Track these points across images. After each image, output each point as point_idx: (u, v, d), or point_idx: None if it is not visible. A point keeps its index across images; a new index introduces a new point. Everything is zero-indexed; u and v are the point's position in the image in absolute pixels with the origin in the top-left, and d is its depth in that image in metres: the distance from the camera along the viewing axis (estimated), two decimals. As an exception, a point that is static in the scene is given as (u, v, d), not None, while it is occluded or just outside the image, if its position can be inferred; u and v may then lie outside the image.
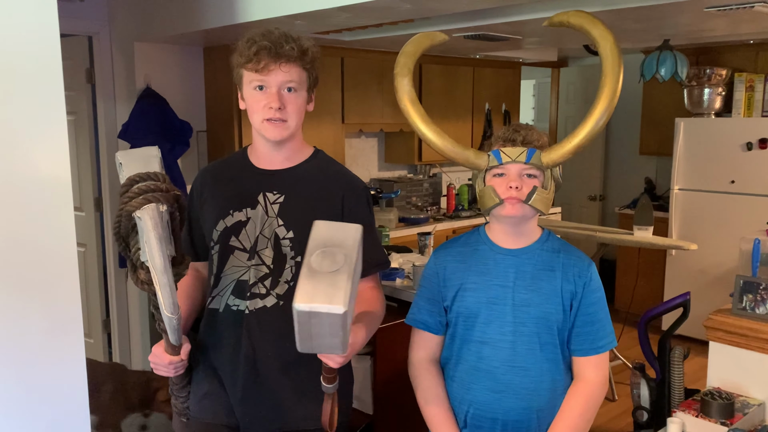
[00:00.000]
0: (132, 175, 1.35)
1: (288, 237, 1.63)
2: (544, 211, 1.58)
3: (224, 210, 1.67)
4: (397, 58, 1.69)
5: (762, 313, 1.99)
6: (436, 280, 1.68)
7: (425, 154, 5.04)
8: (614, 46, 1.53)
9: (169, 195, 1.34)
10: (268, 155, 1.69)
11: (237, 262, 1.65)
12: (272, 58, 1.56)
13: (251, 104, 1.61)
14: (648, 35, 3.88)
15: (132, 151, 1.44)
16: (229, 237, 1.65)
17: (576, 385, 1.62)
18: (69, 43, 3.89)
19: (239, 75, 1.62)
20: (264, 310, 1.63)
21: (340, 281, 1.22)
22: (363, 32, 3.71)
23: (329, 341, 1.26)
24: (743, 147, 4.57)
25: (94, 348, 4.25)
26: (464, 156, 1.62)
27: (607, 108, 1.54)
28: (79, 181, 4.06)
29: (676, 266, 4.96)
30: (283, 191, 1.66)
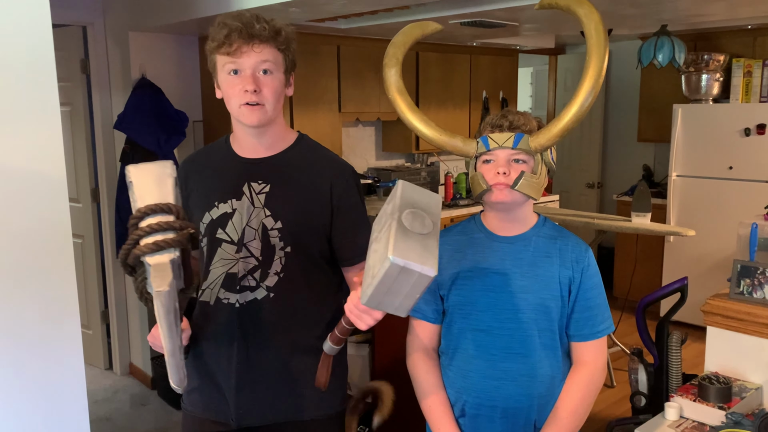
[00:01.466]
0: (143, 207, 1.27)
1: (276, 228, 1.60)
2: (534, 197, 1.57)
3: (210, 202, 1.63)
4: (387, 48, 1.67)
5: (759, 297, 1.99)
6: None
7: (423, 143, 5.03)
8: (599, 24, 1.51)
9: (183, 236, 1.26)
10: (251, 143, 1.64)
11: (225, 255, 1.62)
12: (244, 40, 1.50)
13: (226, 90, 1.56)
14: (645, 21, 3.86)
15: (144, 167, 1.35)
16: (216, 229, 1.62)
17: (575, 370, 1.62)
18: (63, 33, 3.86)
19: (213, 62, 1.57)
20: (255, 302, 1.61)
21: (431, 245, 1.23)
22: (359, 20, 3.69)
23: (400, 302, 1.24)
24: (741, 133, 4.56)
25: (93, 339, 4.25)
26: (453, 143, 1.61)
27: (593, 87, 1.52)
28: (75, 172, 4.05)
29: (674, 253, 4.96)
30: (268, 181, 1.62)
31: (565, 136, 1.56)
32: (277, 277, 1.61)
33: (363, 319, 1.35)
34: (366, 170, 5.18)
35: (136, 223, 1.27)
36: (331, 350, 1.47)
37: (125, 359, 4.24)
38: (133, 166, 1.33)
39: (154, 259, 1.23)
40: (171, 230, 1.26)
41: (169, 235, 1.25)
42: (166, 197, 1.30)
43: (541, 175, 1.57)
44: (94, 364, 4.28)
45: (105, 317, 4.24)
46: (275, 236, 1.60)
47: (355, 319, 1.37)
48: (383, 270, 1.19)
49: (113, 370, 4.28)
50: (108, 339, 4.28)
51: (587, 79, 1.52)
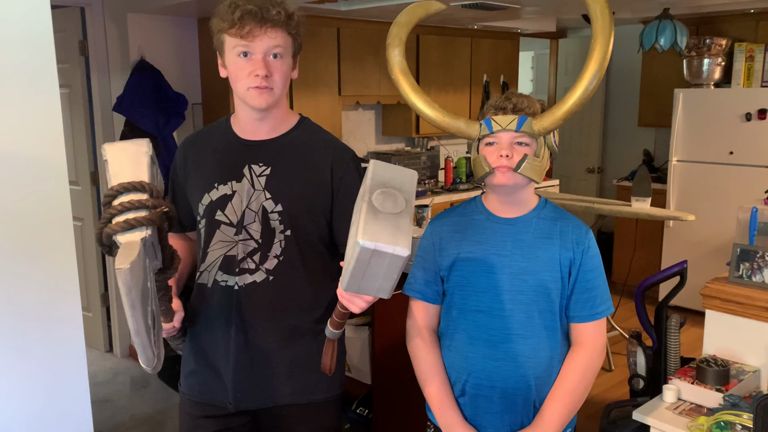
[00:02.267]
0: (116, 185, 1.25)
1: (276, 210, 1.59)
2: (536, 180, 1.57)
3: (209, 183, 1.62)
4: (390, 28, 1.66)
5: (758, 281, 2.00)
6: (432, 249, 1.68)
7: (423, 127, 5.02)
8: (605, 7, 1.50)
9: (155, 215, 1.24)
10: (253, 125, 1.63)
11: (224, 237, 1.61)
12: (257, 23, 1.49)
13: (235, 71, 1.54)
14: (647, 4, 3.84)
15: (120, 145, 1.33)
16: (215, 211, 1.61)
17: (574, 350, 1.62)
18: (61, 14, 3.84)
19: (220, 41, 1.55)
20: (254, 285, 1.61)
21: (403, 224, 1.22)
22: (359, 1, 3.66)
23: (379, 284, 1.24)
24: (742, 118, 4.55)
25: (93, 321, 4.27)
26: (456, 125, 1.61)
27: (598, 71, 1.52)
28: (74, 155, 4.04)
29: (673, 238, 4.97)
30: (269, 163, 1.61)
31: (568, 119, 1.55)
32: (277, 260, 1.61)
33: (354, 302, 1.35)
34: (365, 154, 5.17)
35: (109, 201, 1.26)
36: (332, 335, 1.48)
37: (125, 341, 4.26)
38: (108, 144, 1.32)
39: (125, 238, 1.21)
40: (144, 208, 1.24)
41: (141, 213, 1.23)
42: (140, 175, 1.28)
43: (544, 158, 1.57)
44: (94, 346, 4.29)
45: (105, 300, 4.25)
46: (275, 219, 1.60)
47: (347, 303, 1.37)
48: (355, 255, 1.19)
49: (113, 352, 4.30)
50: (108, 321, 4.29)
51: (592, 62, 1.51)
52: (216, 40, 1.58)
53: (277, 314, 1.63)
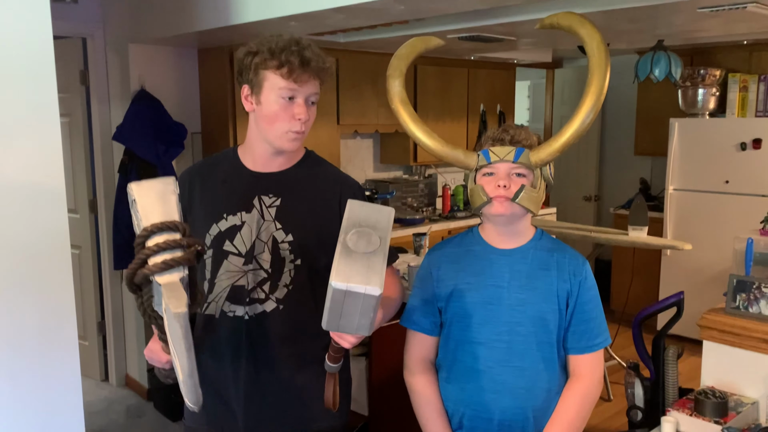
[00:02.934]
0: (149, 226, 1.26)
1: (287, 240, 1.61)
2: (533, 211, 1.58)
3: (217, 214, 1.64)
4: (391, 60, 1.69)
5: (755, 312, 2.00)
6: (429, 281, 1.68)
7: (420, 155, 5.05)
8: (601, 44, 1.54)
9: (191, 254, 1.26)
10: (267, 160, 1.66)
11: (231, 267, 1.63)
12: (307, 70, 1.54)
13: (276, 112, 1.56)
14: (642, 36, 3.90)
15: (146, 184, 1.34)
16: (223, 241, 1.63)
17: (572, 383, 1.62)
18: (63, 45, 3.88)
19: (261, 77, 1.56)
20: (264, 315, 1.62)
21: (376, 263, 1.25)
22: (358, 34, 3.72)
23: (357, 321, 1.27)
24: (737, 147, 4.58)
25: (89, 351, 4.24)
26: (454, 155, 1.63)
27: (594, 105, 1.55)
28: (73, 183, 4.05)
29: (671, 266, 4.97)
30: (279, 194, 1.64)
31: (567, 152, 1.58)
32: (287, 289, 1.62)
33: (344, 338, 1.38)
34: (364, 182, 5.19)
35: (142, 242, 1.26)
36: (331, 369, 1.49)
37: (121, 370, 4.22)
38: (135, 184, 1.32)
39: (164, 279, 1.22)
40: (179, 248, 1.25)
41: (177, 254, 1.24)
42: (171, 214, 1.29)
43: (540, 189, 1.59)
44: (90, 375, 4.26)
45: (101, 328, 4.22)
46: (285, 249, 1.62)
47: (338, 339, 1.40)
48: (329, 296, 1.22)
49: (109, 381, 4.26)
50: (104, 350, 4.26)
51: (589, 97, 1.54)
52: (252, 74, 1.58)
53: (287, 343, 1.64)
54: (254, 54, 1.56)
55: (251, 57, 1.57)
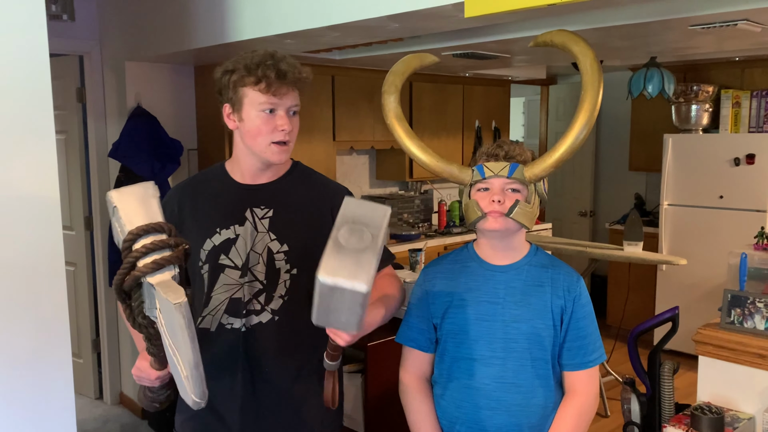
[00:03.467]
0: (134, 229, 1.26)
1: (282, 251, 1.63)
2: (527, 226, 1.59)
3: (210, 229, 1.65)
4: (386, 76, 1.71)
5: (750, 327, 2.00)
6: (425, 297, 1.68)
7: (416, 171, 5.06)
8: (594, 61, 1.56)
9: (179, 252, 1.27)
10: (256, 173, 1.68)
11: (228, 281, 1.63)
12: (284, 82, 1.56)
13: (258, 126, 1.58)
14: (635, 52, 3.93)
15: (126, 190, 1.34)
16: (218, 255, 1.64)
17: (567, 399, 1.62)
18: (60, 62, 3.90)
19: (240, 94, 1.59)
20: (260, 326, 1.62)
21: (365, 260, 1.23)
22: (353, 51, 3.74)
23: (346, 318, 1.26)
24: (731, 162, 4.61)
25: (84, 368, 4.21)
26: (449, 170, 1.64)
27: (588, 121, 1.56)
28: (69, 200, 4.05)
29: (666, 281, 4.97)
30: (270, 205, 1.65)
31: (561, 168, 1.59)
32: (282, 300, 1.63)
33: (337, 334, 1.41)
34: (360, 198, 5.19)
35: (129, 246, 1.26)
36: (330, 366, 1.50)
37: (116, 388, 4.20)
38: (115, 191, 1.32)
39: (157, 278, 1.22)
40: (167, 248, 1.26)
41: (166, 253, 1.25)
42: (154, 217, 1.29)
43: (534, 204, 1.59)
44: (84, 393, 4.23)
45: (96, 346, 4.20)
46: (281, 259, 1.63)
47: (333, 336, 1.42)
48: (317, 290, 1.22)
49: (103, 399, 4.23)
50: (99, 368, 4.24)
51: (582, 113, 1.55)
52: (231, 93, 1.60)
53: (283, 353, 1.64)
54: (231, 72, 1.59)
55: (228, 75, 1.59)
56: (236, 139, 1.67)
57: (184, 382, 1.25)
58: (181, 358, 1.22)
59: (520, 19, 2.71)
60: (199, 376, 1.22)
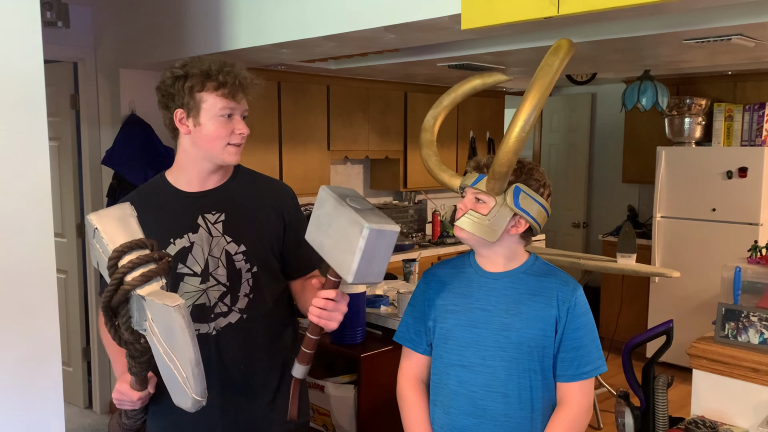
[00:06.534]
0: (118, 247, 1.30)
1: (240, 251, 1.67)
2: (485, 237, 1.56)
3: (164, 240, 1.65)
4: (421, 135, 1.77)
5: (744, 341, 2.00)
6: (422, 299, 1.70)
7: (410, 181, 5.06)
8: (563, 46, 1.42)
9: (164, 264, 1.32)
10: (204, 178, 1.70)
11: (189, 288, 1.65)
12: (241, 88, 1.62)
13: (217, 130, 1.61)
14: (629, 65, 3.96)
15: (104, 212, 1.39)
16: (176, 265, 1.65)
17: (559, 410, 1.60)
18: (54, 69, 3.88)
19: (197, 99, 1.61)
20: (230, 327, 1.66)
21: (381, 213, 1.43)
22: (348, 61, 3.75)
23: (378, 266, 1.39)
24: (723, 175, 4.63)
25: (73, 377, 4.17)
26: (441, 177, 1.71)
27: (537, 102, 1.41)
28: (61, 206, 4.02)
29: (659, 293, 4.98)
30: (221, 209, 1.68)
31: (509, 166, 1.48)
32: (248, 298, 1.68)
33: (333, 317, 1.47)
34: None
35: (115, 263, 1.29)
36: (301, 372, 1.54)
37: (106, 397, 4.15)
38: (93, 214, 1.37)
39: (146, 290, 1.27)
40: (152, 261, 1.30)
41: (152, 266, 1.29)
42: (135, 234, 1.34)
43: (496, 216, 1.56)
44: (73, 402, 4.19)
45: (86, 354, 4.16)
46: (240, 260, 1.66)
47: (325, 322, 1.47)
48: (363, 240, 1.33)
49: (93, 408, 4.19)
50: (89, 376, 4.20)
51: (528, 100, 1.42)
52: (187, 98, 1.62)
53: (256, 349, 1.69)
54: (185, 77, 1.61)
55: (182, 81, 1.62)
56: (183, 146, 1.69)
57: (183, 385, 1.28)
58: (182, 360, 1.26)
59: (516, 31, 2.72)
60: (200, 373, 1.27)
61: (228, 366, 1.66)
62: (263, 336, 1.70)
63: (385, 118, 4.74)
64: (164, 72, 1.67)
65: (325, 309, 1.47)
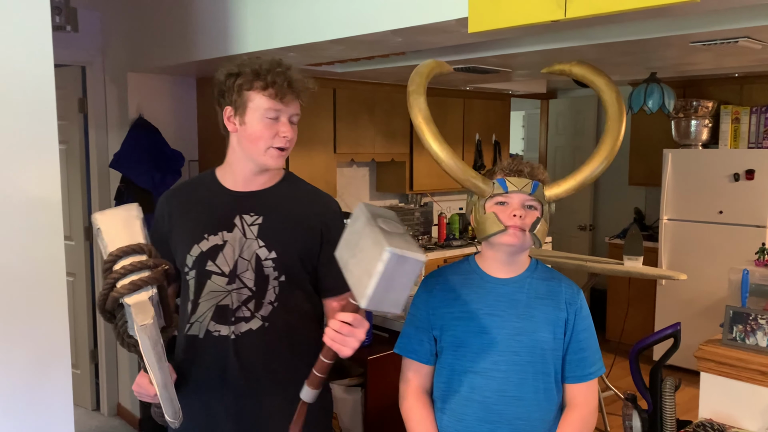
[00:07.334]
0: (115, 251, 1.28)
1: (270, 258, 1.62)
2: (542, 243, 1.61)
3: (198, 234, 1.64)
4: (411, 76, 1.71)
5: (752, 344, 2.00)
6: (425, 308, 1.68)
7: (416, 184, 5.07)
8: (618, 95, 1.64)
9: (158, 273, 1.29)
10: (249, 179, 1.68)
11: (215, 287, 1.63)
12: (291, 90, 1.59)
13: (260, 130, 1.59)
14: (635, 68, 3.95)
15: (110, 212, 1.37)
16: (206, 262, 1.63)
17: (568, 412, 1.61)
18: (62, 72, 3.90)
19: (244, 98, 1.59)
20: (250, 333, 1.62)
21: (411, 240, 1.34)
22: (354, 64, 3.75)
23: (396, 296, 1.30)
24: (730, 178, 4.62)
25: (81, 379, 4.19)
26: (473, 181, 1.64)
27: (610, 152, 1.64)
28: (69, 210, 4.04)
29: (666, 296, 4.97)
30: (260, 212, 1.65)
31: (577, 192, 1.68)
32: (272, 306, 1.63)
33: (348, 342, 1.39)
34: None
35: (110, 267, 1.29)
36: (309, 397, 1.47)
37: (113, 400, 4.17)
38: (99, 213, 1.36)
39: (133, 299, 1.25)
40: (146, 269, 1.28)
41: (144, 274, 1.28)
42: (136, 238, 1.32)
43: (547, 222, 1.62)
44: (81, 404, 4.20)
45: (94, 356, 4.18)
46: (269, 266, 1.63)
47: (339, 347, 1.40)
48: (382, 263, 1.25)
49: (100, 410, 4.21)
50: (96, 379, 4.21)
51: (606, 144, 1.63)
52: (236, 95, 1.60)
53: (274, 360, 1.64)
54: (236, 75, 1.60)
55: (234, 78, 1.60)
56: (232, 144, 1.67)
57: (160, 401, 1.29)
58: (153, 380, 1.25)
59: (523, 34, 2.72)
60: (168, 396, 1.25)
61: (245, 373, 1.62)
62: (283, 348, 1.65)
63: (391, 121, 4.75)
64: (220, 69, 1.64)
65: (339, 333, 1.39)
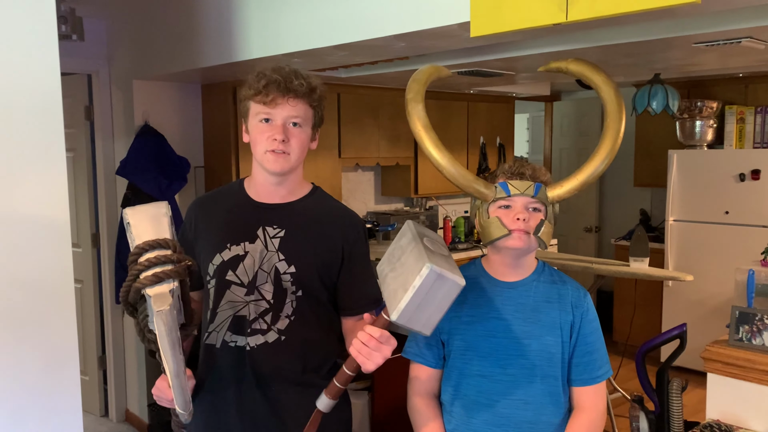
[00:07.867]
0: (141, 244, 1.32)
1: (289, 272, 1.63)
2: (547, 245, 1.60)
3: (221, 244, 1.65)
4: (409, 84, 1.72)
5: (759, 344, 1.99)
6: None
7: (421, 187, 5.07)
8: (617, 91, 1.61)
9: (180, 267, 1.31)
10: (269, 189, 1.69)
11: (234, 297, 1.64)
12: (280, 92, 1.58)
13: (255, 135, 1.62)
14: (639, 69, 3.95)
15: (141, 209, 1.40)
16: (226, 271, 1.64)
17: (576, 415, 1.61)
18: (68, 81, 3.93)
19: (246, 107, 1.64)
20: (266, 345, 1.62)
21: (453, 264, 1.34)
22: (358, 69, 3.77)
23: (428, 316, 1.29)
24: (736, 178, 4.61)
25: (90, 385, 4.21)
26: (475, 186, 1.64)
27: (612, 149, 1.63)
28: (76, 217, 4.07)
29: (673, 297, 4.95)
30: (283, 226, 1.66)
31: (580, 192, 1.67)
32: (288, 320, 1.63)
33: (373, 357, 1.38)
34: (365, 214, 5.21)
35: (135, 259, 1.32)
36: (325, 406, 1.47)
37: (121, 405, 4.19)
38: (130, 209, 1.39)
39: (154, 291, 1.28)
40: (169, 263, 1.31)
41: (167, 267, 1.30)
42: (162, 234, 1.36)
43: (551, 224, 1.61)
44: (89, 410, 4.22)
45: (102, 363, 4.20)
46: (288, 280, 1.63)
47: (363, 360, 1.39)
48: (420, 279, 1.24)
49: (109, 416, 4.22)
50: (104, 385, 4.23)
51: (606, 141, 1.61)
52: (242, 107, 1.66)
53: (289, 373, 1.64)
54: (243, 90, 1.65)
55: (241, 93, 1.65)
56: None
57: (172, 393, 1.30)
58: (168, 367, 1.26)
59: (526, 37, 2.73)
60: (179, 386, 1.26)
61: (260, 385, 1.63)
62: (299, 360, 1.65)
63: (395, 125, 4.76)
64: None
65: (366, 345, 1.38)
